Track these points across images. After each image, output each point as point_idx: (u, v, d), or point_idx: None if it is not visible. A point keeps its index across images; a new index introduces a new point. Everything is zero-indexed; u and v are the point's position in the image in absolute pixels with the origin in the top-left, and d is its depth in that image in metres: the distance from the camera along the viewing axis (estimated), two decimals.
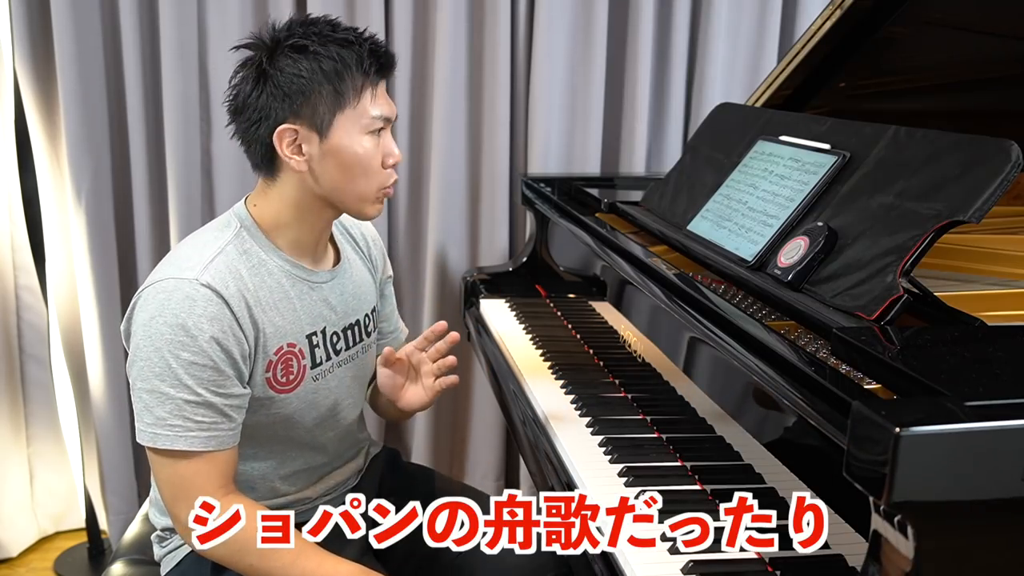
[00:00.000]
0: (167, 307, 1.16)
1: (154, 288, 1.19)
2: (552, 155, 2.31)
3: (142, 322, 1.18)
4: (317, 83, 1.20)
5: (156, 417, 1.16)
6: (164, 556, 1.35)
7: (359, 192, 1.26)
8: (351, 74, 1.21)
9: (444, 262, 2.34)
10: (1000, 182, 1.03)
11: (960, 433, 0.75)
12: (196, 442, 1.17)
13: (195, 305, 1.16)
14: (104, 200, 2.21)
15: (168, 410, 1.16)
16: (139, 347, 1.17)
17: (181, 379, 1.16)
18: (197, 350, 1.16)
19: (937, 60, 1.70)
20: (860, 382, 0.91)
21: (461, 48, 2.24)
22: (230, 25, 2.17)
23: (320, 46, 1.21)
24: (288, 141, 1.22)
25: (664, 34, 2.31)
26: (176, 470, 1.19)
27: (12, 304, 2.28)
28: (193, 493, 1.17)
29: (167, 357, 1.15)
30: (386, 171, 1.27)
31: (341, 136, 1.22)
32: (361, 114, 1.23)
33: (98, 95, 2.16)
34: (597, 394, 1.51)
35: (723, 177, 1.49)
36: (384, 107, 1.25)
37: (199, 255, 1.21)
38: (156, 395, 1.16)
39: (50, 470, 2.41)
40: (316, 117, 1.21)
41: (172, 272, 1.19)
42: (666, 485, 1.20)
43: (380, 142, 1.25)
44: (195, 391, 1.16)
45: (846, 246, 1.15)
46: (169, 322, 1.16)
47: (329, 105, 1.21)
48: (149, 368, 1.16)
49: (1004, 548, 0.79)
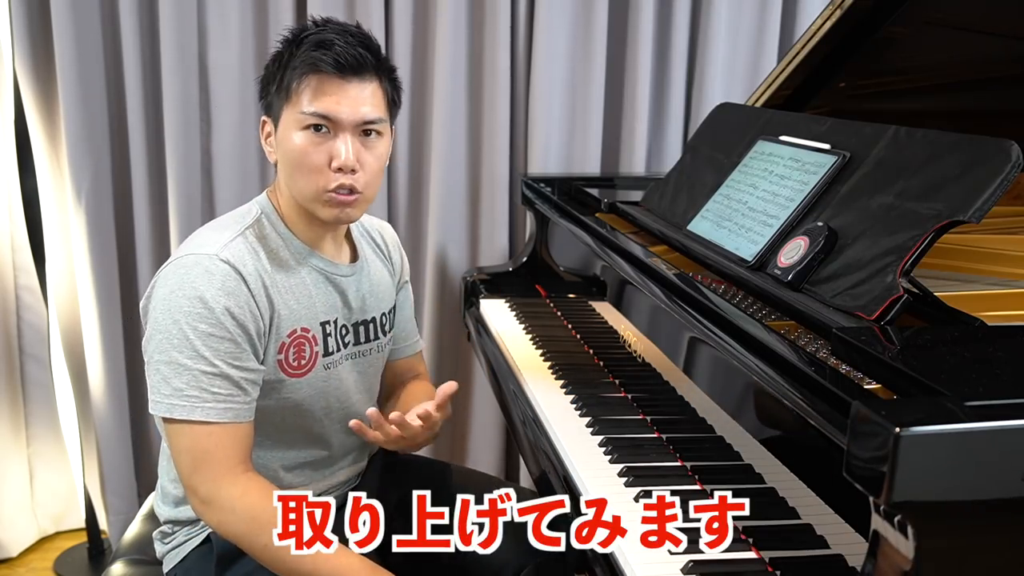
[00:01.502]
0: (186, 280, 1.18)
1: (174, 264, 1.21)
2: (552, 155, 2.31)
3: (161, 296, 1.19)
4: (271, 74, 1.27)
5: (173, 388, 1.17)
6: (167, 553, 1.35)
7: (301, 190, 1.26)
8: (292, 67, 1.23)
9: (444, 262, 2.34)
10: (1000, 182, 1.03)
11: (960, 433, 0.75)
12: (213, 413, 1.18)
13: (213, 279, 1.18)
14: (104, 200, 2.21)
15: (185, 381, 1.17)
16: (158, 320, 1.18)
17: (199, 350, 1.17)
18: (215, 322, 1.17)
19: (937, 60, 1.70)
20: (860, 382, 0.91)
21: (461, 48, 2.24)
22: (230, 25, 2.17)
23: (284, 44, 1.26)
24: (265, 132, 1.29)
25: (664, 34, 2.31)
26: (195, 442, 1.18)
27: (12, 304, 2.28)
28: (213, 466, 1.17)
29: (185, 329, 1.16)
30: (332, 174, 1.22)
31: (283, 130, 1.26)
32: (295, 108, 1.23)
33: (98, 95, 2.16)
34: (597, 394, 1.51)
35: (723, 177, 1.49)
36: (325, 105, 1.21)
37: (219, 236, 1.24)
38: (174, 366, 1.17)
39: (50, 470, 2.41)
40: (273, 110, 1.27)
41: (192, 249, 1.22)
42: (666, 485, 1.20)
43: (323, 142, 1.22)
44: (212, 363, 1.17)
45: (846, 246, 1.15)
46: (188, 294, 1.17)
47: (278, 98, 1.26)
48: (167, 340, 1.17)
49: (1004, 548, 0.79)
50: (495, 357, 1.75)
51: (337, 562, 1.16)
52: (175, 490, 1.34)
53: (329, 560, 1.16)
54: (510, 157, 2.31)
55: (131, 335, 2.31)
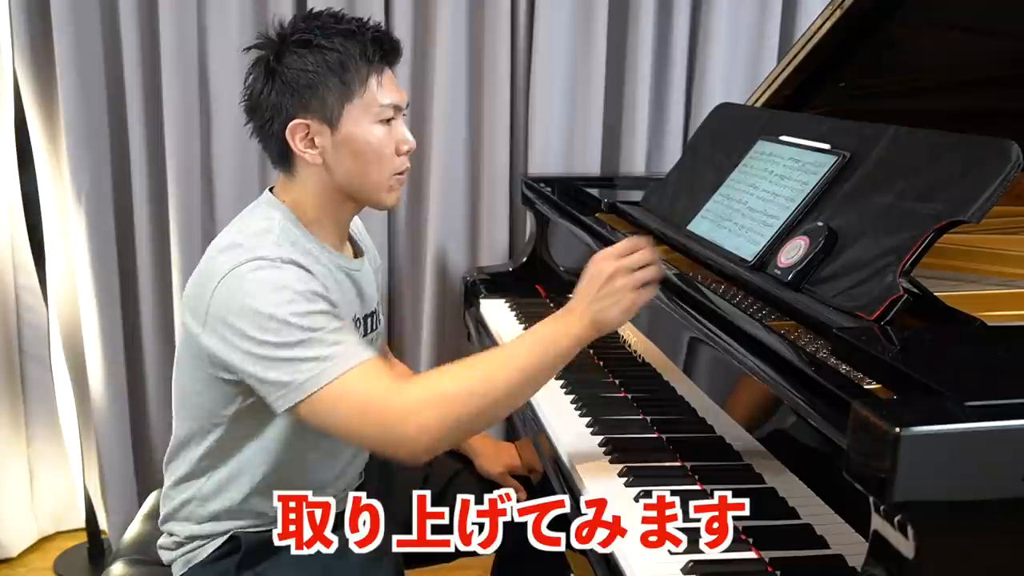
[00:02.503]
0: (263, 280, 1.15)
1: (235, 274, 1.16)
2: (552, 155, 2.30)
3: (242, 306, 1.14)
4: (323, 76, 1.22)
5: (312, 361, 1.13)
6: (180, 557, 1.34)
7: (373, 181, 1.27)
8: (355, 64, 1.22)
9: (444, 262, 2.34)
10: (1000, 182, 1.03)
11: (960, 433, 0.75)
12: (355, 355, 1.15)
13: (285, 273, 1.17)
14: (104, 200, 2.21)
15: (316, 351, 1.13)
16: (248, 327, 1.14)
17: (310, 324, 1.14)
18: (310, 297, 1.16)
19: (937, 60, 1.70)
20: (860, 382, 0.91)
21: (461, 48, 2.24)
22: (230, 25, 2.16)
23: (324, 39, 1.22)
24: (301, 136, 1.24)
25: (664, 34, 2.31)
26: (354, 393, 1.14)
27: (12, 304, 2.28)
28: (380, 397, 1.14)
29: (287, 318, 1.13)
30: (400, 158, 1.29)
31: (352, 127, 1.24)
32: (369, 103, 1.24)
33: (98, 95, 2.16)
34: (597, 394, 1.51)
35: (723, 177, 1.49)
36: (393, 94, 1.26)
37: (259, 240, 1.21)
38: (298, 347, 1.13)
39: (50, 470, 2.41)
40: (326, 110, 1.23)
41: (245, 256, 1.18)
42: (666, 485, 1.20)
43: (392, 130, 1.27)
44: (326, 324, 1.15)
45: (846, 246, 1.15)
46: (274, 288, 1.15)
47: (337, 97, 1.23)
48: (275, 335, 1.13)
49: (1004, 548, 0.79)
50: None
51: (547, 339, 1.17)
52: (201, 508, 1.31)
53: (520, 342, 1.19)
54: (510, 157, 2.31)
55: (131, 335, 2.31)
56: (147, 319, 2.28)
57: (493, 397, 1.15)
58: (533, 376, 1.16)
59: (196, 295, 1.21)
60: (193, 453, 1.31)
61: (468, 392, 1.14)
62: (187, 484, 1.33)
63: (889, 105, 1.81)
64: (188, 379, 1.28)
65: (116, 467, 2.33)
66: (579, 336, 1.15)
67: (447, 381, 1.16)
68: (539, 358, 1.16)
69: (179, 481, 1.34)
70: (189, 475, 1.32)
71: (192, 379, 1.26)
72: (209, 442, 1.28)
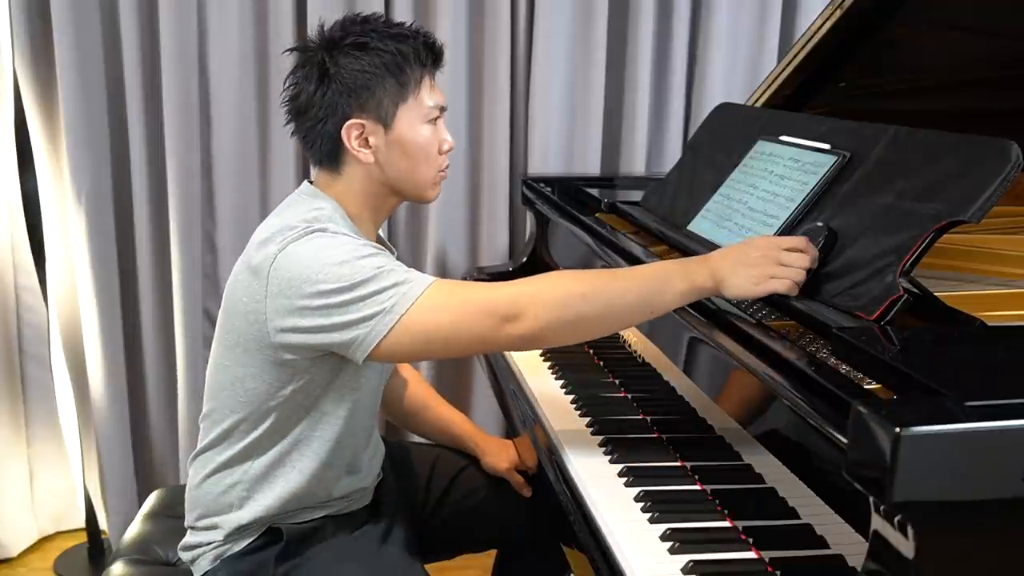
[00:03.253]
0: (318, 244, 1.19)
1: (288, 251, 1.19)
2: (552, 155, 2.30)
3: (306, 270, 1.17)
4: (380, 77, 1.26)
5: (393, 287, 1.15)
6: (200, 556, 1.33)
7: (422, 178, 1.32)
8: (410, 67, 1.27)
9: (444, 262, 2.34)
10: (1000, 182, 1.03)
11: (960, 433, 0.75)
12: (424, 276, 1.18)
13: (339, 237, 1.21)
14: (104, 200, 2.21)
15: (394, 278, 1.16)
16: (323, 278, 1.16)
17: (378, 264, 1.17)
18: (365, 245, 1.20)
19: (937, 60, 1.70)
20: (860, 382, 0.91)
21: (461, 48, 2.24)
22: (230, 25, 2.16)
23: (379, 42, 1.26)
24: (356, 135, 1.27)
25: (664, 34, 2.31)
26: (455, 294, 1.18)
27: (12, 304, 2.28)
28: (480, 304, 1.16)
29: (354, 258, 1.16)
30: (442, 156, 1.33)
31: (405, 127, 1.28)
32: (420, 104, 1.29)
33: (98, 95, 2.16)
34: (597, 394, 1.51)
35: (723, 177, 1.49)
36: (439, 97, 1.32)
37: (310, 224, 1.23)
38: (374, 281, 1.15)
39: (50, 470, 2.41)
40: (381, 110, 1.27)
41: (297, 234, 1.20)
42: (666, 485, 1.20)
43: (438, 130, 1.32)
44: (392, 263, 1.19)
45: (846, 246, 1.15)
46: (331, 245, 1.18)
47: (393, 97, 1.27)
48: (349, 277, 1.15)
49: (1004, 548, 0.79)
50: (495, 357, 1.75)
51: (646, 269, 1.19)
52: (247, 493, 1.30)
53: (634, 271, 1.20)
54: (510, 157, 2.31)
55: (131, 335, 2.31)
56: (147, 319, 2.28)
57: (595, 311, 1.16)
58: (642, 302, 1.16)
59: (248, 282, 1.22)
60: (241, 441, 1.30)
61: (571, 300, 1.15)
62: (232, 470, 1.31)
63: (889, 105, 1.81)
64: (238, 368, 1.27)
65: (116, 467, 2.33)
66: (697, 284, 1.15)
67: (557, 285, 1.18)
68: (654, 287, 1.16)
69: (221, 468, 1.32)
70: (234, 460, 1.31)
71: (243, 366, 1.26)
72: (261, 429, 1.28)
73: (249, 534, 1.31)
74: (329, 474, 1.31)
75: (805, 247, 1.15)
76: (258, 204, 2.27)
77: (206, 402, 1.33)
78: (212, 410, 1.32)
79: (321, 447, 1.29)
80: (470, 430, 1.61)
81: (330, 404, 1.28)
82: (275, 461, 1.29)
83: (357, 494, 1.39)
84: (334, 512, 1.35)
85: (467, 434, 1.60)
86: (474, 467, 1.58)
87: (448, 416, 1.63)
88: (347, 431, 1.31)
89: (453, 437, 1.61)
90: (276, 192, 2.25)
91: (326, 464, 1.30)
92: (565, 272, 1.25)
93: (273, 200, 2.25)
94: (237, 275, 1.26)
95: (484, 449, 1.57)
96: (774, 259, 1.13)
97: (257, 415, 1.27)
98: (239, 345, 1.26)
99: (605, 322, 1.19)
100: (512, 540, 1.62)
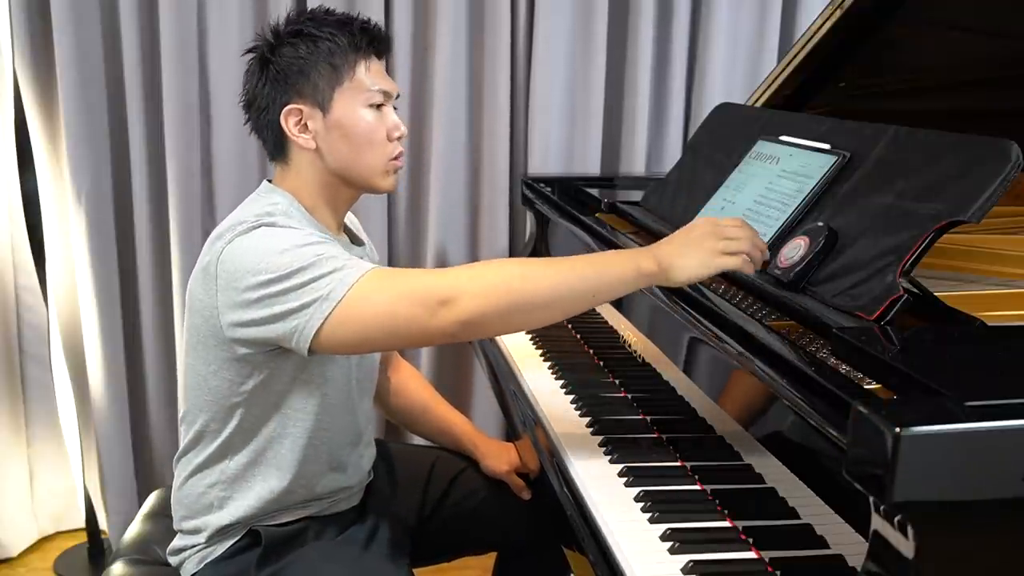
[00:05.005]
0: (262, 235, 1.19)
1: (235, 243, 1.19)
2: (552, 155, 2.30)
3: (249, 261, 1.16)
4: (314, 61, 1.27)
5: (330, 274, 1.14)
6: (194, 555, 1.33)
7: (367, 164, 1.30)
8: (344, 50, 1.27)
9: (444, 262, 2.34)
10: (1000, 182, 1.03)
11: (960, 433, 0.75)
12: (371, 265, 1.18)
13: (283, 230, 1.20)
14: (104, 200, 2.21)
15: (331, 264, 1.15)
16: (264, 268, 1.15)
17: (318, 252, 1.16)
18: (308, 235, 1.20)
19: (937, 60, 1.70)
20: (860, 382, 0.91)
21: (461, 48, 2.24)
22: (230, 25, 2.16)
23: (315, 28, 1.28)
24: (294, 120, 1.28)
25: (664, 34, 2.31)
26: (391, 282, 1.16)
27: (12, 304, 2.28)
28: (416, 289, 1.14)
29: (294, 246, 1.16)
30: (392, 143, 1.31)
31: (342, 110, 1.28)
32: (359, 87, 1.28)
33: (98, 95, 2.16)
34: (597, 394, 1.51)
35: (723, 177, 1.49)
36: (382, 82, 1.31)
37: (261, 218, 1.23)
38: (312, 268, 1.14)
39: (50, 470, 2.41)
40: (317, 94, 1.27)
41: (245, 227, 1.21)
42: (666, 485, 1.20)
43: (383, 116, 1.30)
44: (333, 251, 1.18)
45: (846, 246, 1.15)
46: (274, 235, 1.18)
47: (328, 81, 1.27)
48: (288, 264, 1.14)
49: (1004, 548, 0.79)
50: (495, 357, 1.75)
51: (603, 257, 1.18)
52: (225, 493, 1.30)
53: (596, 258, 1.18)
54: (510, 157, 2.31)
55: (131, 335, 2.31)
56: (147, 319, 2.28)
57: (534, 294, 1.13)
58: (584, 288, 1.14)
59: (201, 279, 1.23)
60: (214, 441, 1.30)
61: (508, 283, 1.13)
62: (209, 471, 1.31)
63: (889, 105, 1.81)
64: (201, 366, 1.27)
65: (116, 467, 2.33)
66: (642, 269, 1.13)
67: (494, 268, 1.17)
68: (595, 272, 1.14)
69: (198, 469, 1.32)
70: (210, 460, 1.31)
71: (205, 364, 1.26)
72: (230, 427, 1.28)
73: (231, 536, 1.31)
74: (308, 471, 1.31)
75: (742, 223, 1.16)
76: None
77: (180, 404, 1.34)
78: (186, 412, 1.33)
79: (295, 444, 1.29)
80: (470, 432, 1.60)
81: (298, 400, 1.28)
82: (251, 461, 1.29)
83: (343, 493, 1.38)
84: (318, 512, 1.35)
85: (467, 436, 1.59)
86: (473, 469, 1.57)
87: (449, 417, 1.63)
88: (319, 427, 1.30)
89: (453, 438, 1.61)
90: None
91: (302, 461, 1.29)
92: (505, 259, 1.24)
93: None
94: (194, 274, 1.27)
95: (484, 452, 1.57)
96: (716, 234, 1.13)
97: (223, 413, 1.27)
98: (200, 343, 1.26)
99: (546, 308, 1.15)
100: (512, 542, 1.61)
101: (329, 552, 1.32)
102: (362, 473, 1.43)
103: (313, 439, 1.30)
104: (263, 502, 1.29)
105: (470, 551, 1.66)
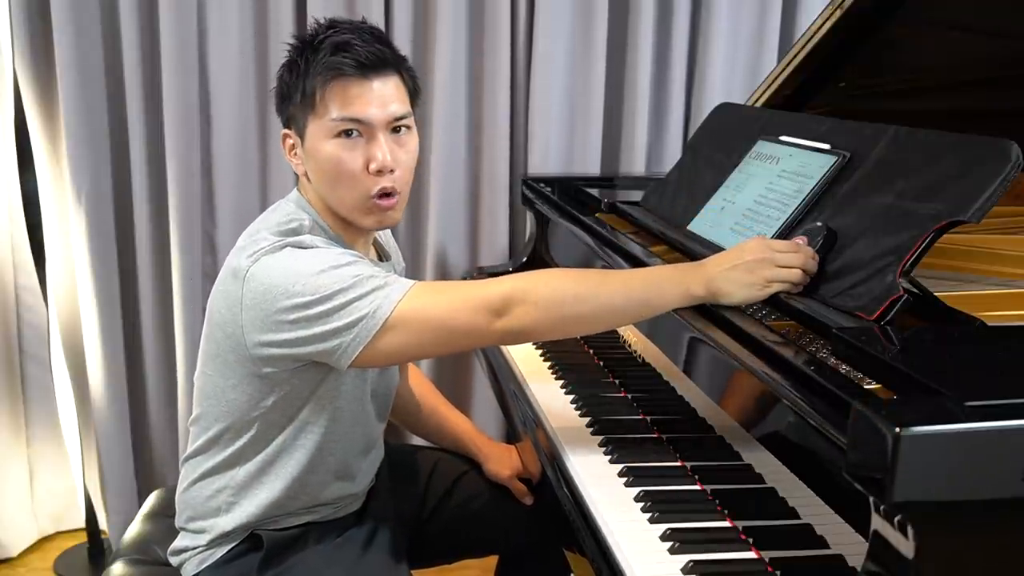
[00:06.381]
0: (290, 254, 1.17)
1: (261, 263, 1.17)
2: (552, 155, 2.30)
3: (280, 282, 1.14)
4: (290, 89, 1.23)
5: (373, 292, 1.13)
6: (195, 556, 1.33)
7: (341, 199, 1.24)
8: (313, 75, 1.20)
9: (444, 262, 2.34)
10: (1000, 182, 1.03)
11: (960, 433, 0.75)
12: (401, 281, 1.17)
13: (311, 249, 1.18)
14: (104, 200, 2.21)
15: (373, 283, 1.14)
16: (300, 289, 1.13)
17: (356, 272, 1.15)
18: (340, 255, 1.18)
19: (937, 60, 1.70)
20: (860, 382, 0.91)
21: (461, 48, 2.24)
22: (230, 25, 2.16)
23: (296, 52, 1.24)
24: (288, 145, 1.27)
25: (664, 34, 2.31)
26: (436, 304, 1.16)
27: (12, 304, 2.28)
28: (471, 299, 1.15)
29: (332, 266, 1.14)
30: (372, 178, 1.22)
31: (311, 140, 1.23)
32: (322, 116, 1.21)
33: (98, 95, 2.16)
34: (597, 394, 1.51)
35: (723, 177, 1.49)
36: (353, 108, 1.20)
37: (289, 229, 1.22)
38: (353, 288, 1.13)
39: (50, 470, 2.41)
40: (297, 122, 1.24)
41: (276, 236, 1.19)
42: (666, 485, 1.20)
43: (361, 147, 1.21)
44: (371, 270, 1.16)
45: (846, 246, 1.15)
46: (305, 256, 1.16)
47: (302, 109, 1.23)
48: (328, 285, 1.13)
49: (1004, 548, 0.79)
50: (495, 357, 1.75)
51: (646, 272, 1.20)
52: (232, 499, 1.30)
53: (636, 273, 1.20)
54: (510, 157, 2.31)
55: (131, 335, 2.31)
56: (147, 319, 2.28)
57: (585, 309, 1.15)
58: (633, 307, 1.16)
59: (227, 288, 1.21)
60: (226, 448, 1.29)
61: (563, 297, 1.15)
62: (218, 476, 1.31)
63: (889, 105, 1.81)
64: (220, 379, 1.26)
65: (116, 467, 2.33)
66: (691, 292, 1.14)
67: (551, 283, 1.17)
68: (645, 294, 1.16)
69: (208, 473, 1.31)
70: (221, 467, 1.30)
71: (224, 378, 1.25)
72: (245, 438, 1.27)
73: (232, 539, 1.31)
74: (313, 480, 1.31)
75: (799, 248, 1.15)
76: (258, 204, 2.27)
77: (195, 405, 1.33)
78: (199, 416, 1.32)
79: (304, 455, 1.28)
80: (473, 434, 1.60)
81: (311, 414, 1.27)
82: (260, 469, 1.29)
83: (348, 499, 1.38)
84: (320, 518, 1.35)
85: (470, 438, 1.59)
86: (475, 472, 1.57)
87: (451, 419, 1.63)
88: (330, 439, 1.29)
89: (456, 441, 1.60)
90: (276, 192, 2.25)
91: (309, 471, 1.29)
92: (558, 270, 1.24)
93: (273, 200, 2.24)
94: (217, 286, 1.25)
95: (487, 455, 1.56)
96: (770, 261, 1.13)
97: (240, 425, 1.27)
98: (219, 356, 1.25)
99: (596, 322, 1.19)
100: (513, 545, 1.61)
101: (329, 555, 1.32)
102: (369, 479, 1.43)
103: (322, 450, 1.30)
104: (266, 508, 1.29)
105: (471, 553, 1.66)
